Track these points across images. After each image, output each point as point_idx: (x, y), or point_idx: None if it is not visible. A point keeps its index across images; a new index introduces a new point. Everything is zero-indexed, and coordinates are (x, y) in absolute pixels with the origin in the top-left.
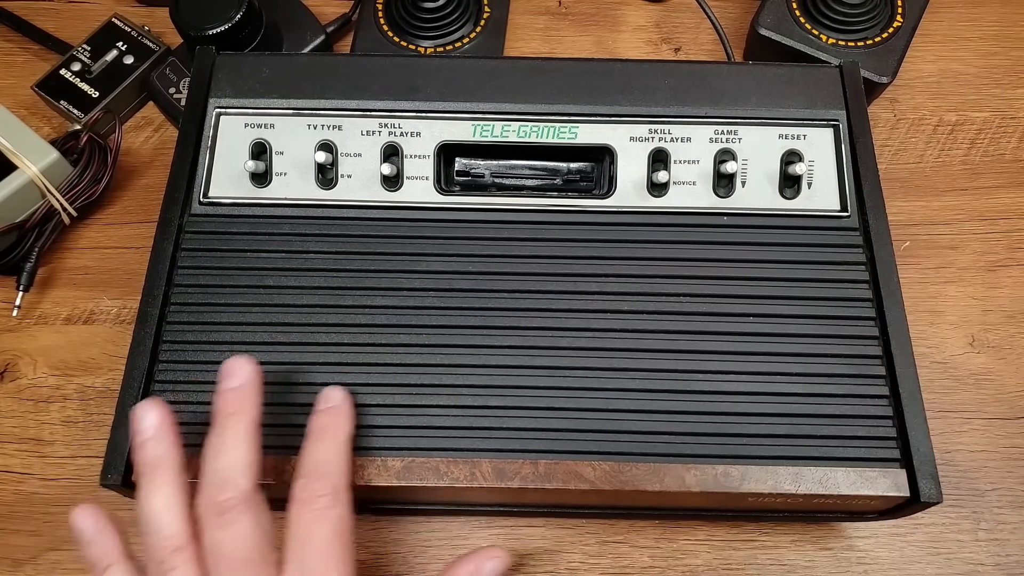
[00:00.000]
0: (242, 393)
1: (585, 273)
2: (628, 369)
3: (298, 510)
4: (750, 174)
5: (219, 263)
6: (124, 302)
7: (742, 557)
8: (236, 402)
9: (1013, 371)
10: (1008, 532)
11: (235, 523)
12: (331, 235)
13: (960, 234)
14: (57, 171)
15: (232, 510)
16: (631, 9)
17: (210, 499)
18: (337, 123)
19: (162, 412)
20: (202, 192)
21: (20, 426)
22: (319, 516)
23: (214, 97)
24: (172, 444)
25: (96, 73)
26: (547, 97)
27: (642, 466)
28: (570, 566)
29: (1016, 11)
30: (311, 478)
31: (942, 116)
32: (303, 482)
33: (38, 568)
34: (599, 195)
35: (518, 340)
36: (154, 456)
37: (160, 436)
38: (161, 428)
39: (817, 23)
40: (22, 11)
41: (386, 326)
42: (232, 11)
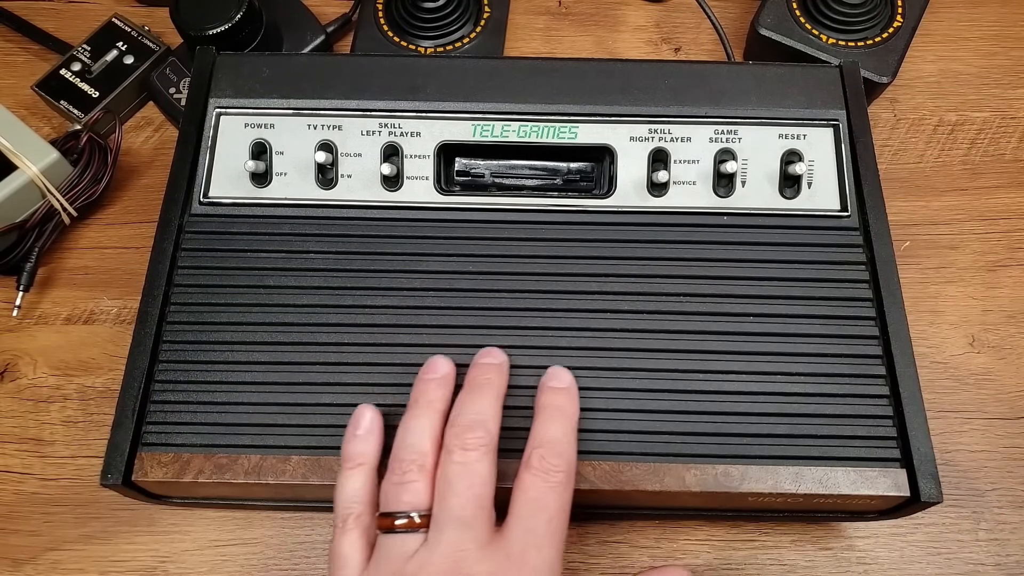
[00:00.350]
0: (499, 369)
1: (585, 273)
2: (628, 369)
3: (532, 478)
4: (750, 174)
5: (219, 263)
6: (124, 302)
7: (742, 557)
8: (493, 373)
9: (1013, 371)
10: (1008, 532)
11: (476, 462)
12: (331, 235)
13: (960, 234)
14: (57, 171)
15: (477, 449)
16: (631, 9)
17: (459, 434)
18: (337, 123)
19: (453, 370)
20: (202, 192)
21: (20, 426)
22: (552, 488)
23: (214, 97)
24: (447, 394)
25: (96, 73)
26: (547, 97)
27: (642, 466)
28: (570, 566)
29: (1016, 11)
30: (550, 452)
31: (942, 116)
32: (542, 452)
33: (38, 568)
34: (599, 195)
35: (518, 340)
36: (433, 396)
37: (443, 383)
38: (447, 378)
39: (817, 23)
40: (22, 11)
41: (386, 326)
42: (232, 11)
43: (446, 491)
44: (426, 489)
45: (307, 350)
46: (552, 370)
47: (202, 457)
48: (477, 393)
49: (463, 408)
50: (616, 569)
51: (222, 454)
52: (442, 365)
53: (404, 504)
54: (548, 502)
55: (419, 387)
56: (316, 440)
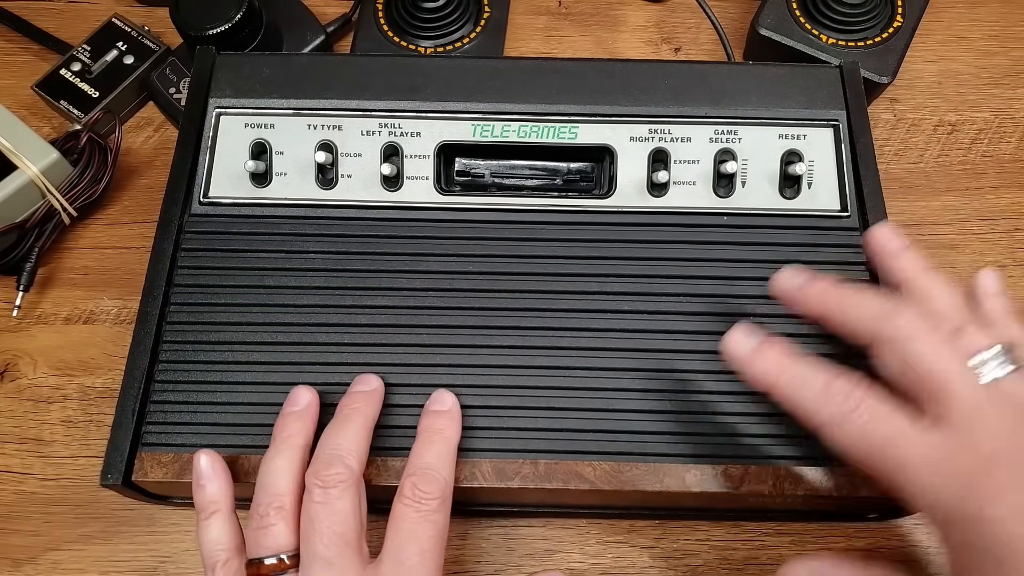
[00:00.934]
0: (368, 397)
1: (585, 273)
2: (628, 369)
3: (404, 508)
4: (750, 174)
5: (219, 263)
6: (124, 302)
7: (742, 557)
8: (361, 402)
9: None
10: None
11: (337, 499)
12: (331, 235)
13: (960, 234)
14: (57, 171)
15: (337, 486)
16: (631, 9)
17: (318, 471)
18: (337, 123)
19: (315, 400)
20: (202, 192)
21: (20, 426)
22: (425, 517)
23: (214, 97)
24: (309, 426)
25: (96, 73)
26: (547, 97)
27: (642, 466)
28: (570, 566)
29: (1016, 11)
30: (422, 479)
31: (942, 116)
32: (413, 480)
33: (38, 568)
34: (599, 195)
35: (518, 340)
36: (291, 431)
37: (302, 415)
38: (308, 409)
39: (817, 23)
40: (22, 11)
41: (386, 326)
42: (232, 11)
43: (309, 531)
44: (287, 530)
45: (307, 350)
46: (435, 394)
47: None
48: (340, 425)
49: (325, 442)
50: (616, 569)
51: (222, 454)
52: (302, 396)
53: (266, 549)
54: (419, 533)
55: (278, 423)
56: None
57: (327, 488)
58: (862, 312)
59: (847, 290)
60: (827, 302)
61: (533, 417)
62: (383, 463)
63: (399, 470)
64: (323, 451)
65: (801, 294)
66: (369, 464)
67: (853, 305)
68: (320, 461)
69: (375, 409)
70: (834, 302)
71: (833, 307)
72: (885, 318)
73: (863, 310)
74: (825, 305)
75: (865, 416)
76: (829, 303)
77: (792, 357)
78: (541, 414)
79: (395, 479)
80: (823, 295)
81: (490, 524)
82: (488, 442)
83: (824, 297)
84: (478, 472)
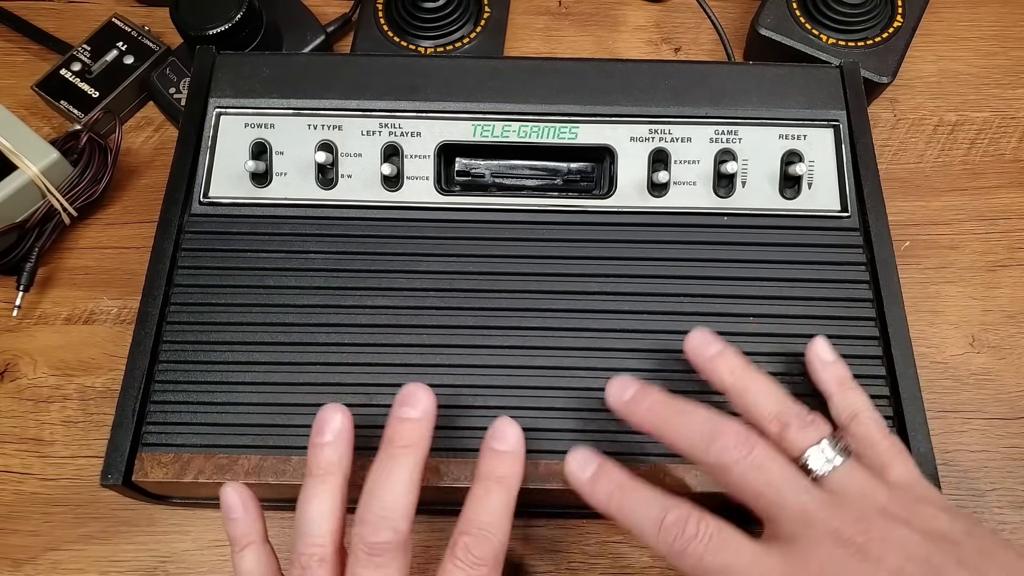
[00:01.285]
0: (420, 426)
1: (585, 273)
2: (628, 369)
3: (454, 569)
4: (750, 174)
5: (219, 263)
6: (124, 302)
7: None
8: (412, 435)
9: (1013, 371)
10: (1008, 532)
11: (384, 567)
12: (331, 235)
13: (960, 234)
14: (57, 171)
15: (385, 554)
16: (631, 9)
17: (366, 535)
18: (337, 123)
19: (346, 419)
20: (202, 192)
21: (20, 426)
22: (379, 567)
23: (214, 97)
24: (347, 453)
25: (96, 73)
26: (547, 97)
27: (642, 466)
28: (570, 566)
29: (1016, 11)
30: (476, 541)
31: (942, 116)
32: (467, 541)
33: (38, 568)
34: (599, 195)
35: (518, 340)
36: (328, 462)
37: (339, 442)
38: (342, 434)
39: (817, 23)
40: (22, 11)
41: (386, 326)
42: (232, 11)
43: None
44: None
45: (307, 350)
46: (497, 425)
47: (202, 457)
48: (388, 471)
49: (372, 495)
50: (616, 569)
51: (222, 454)
52: (333, 420)
53: None
54: None
55: (313, 453)
56: None
57: (373, 556)
58: (686, 436)
59: (673, 408)
60: (655, 420)
61: (533, 417)
62: None
63: None
64: (370, 510)
65: (629, 409)
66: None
67: (678, 426)
68: (368, 524)
69: (427, 442)
70: (662, 421)
71: (661, 426)
72: (708, 442)
73: (686, 435)
74: (654, 423)
75: (701, 547)
76: (657, 422)
77: (627, 484)
78: (541, 414)
79: None
80: (652, 411)
81: None
82: None
83: (653, 414)
84: None
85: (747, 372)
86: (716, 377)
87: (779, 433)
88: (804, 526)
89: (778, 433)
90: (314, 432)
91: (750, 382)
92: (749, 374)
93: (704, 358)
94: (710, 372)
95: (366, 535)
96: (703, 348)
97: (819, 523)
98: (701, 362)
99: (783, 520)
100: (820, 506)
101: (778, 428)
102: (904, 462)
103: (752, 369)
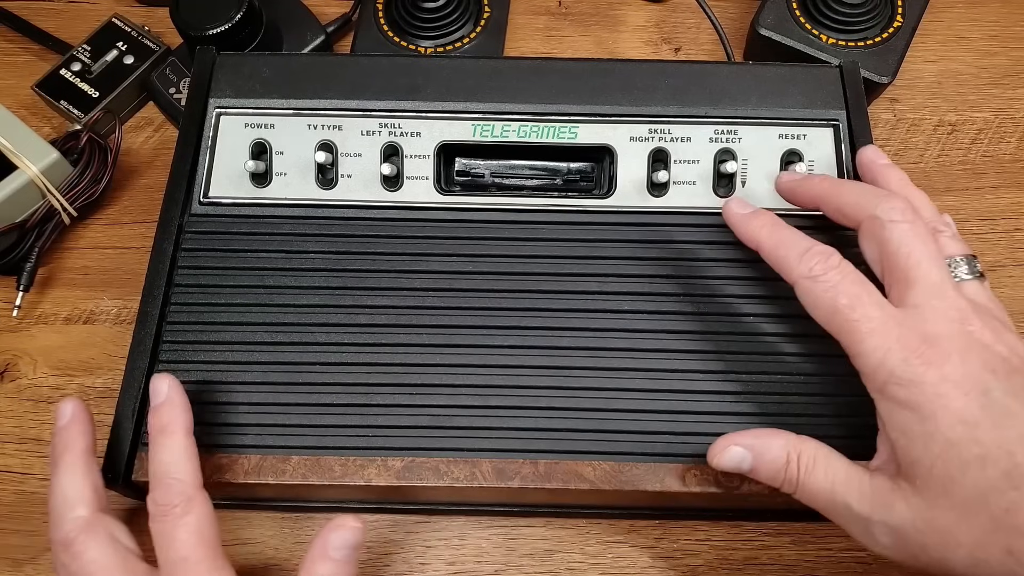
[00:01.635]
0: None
1: (585, 273)
2: (628, 369)
3: (154, 525)
4: (750, 174)
5: (219, 263)
6: (124, 302)
7: (742, 557)
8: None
9: None
10: None
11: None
12: (331, 235)
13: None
14: (57, 171)
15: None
16: (631, 9)
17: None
18: (337, 123)
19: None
20: (202, 192)
21: (20, 426)
22: (175, 525)
23: (214, 97)
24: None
25: (96, 73)
26: (547, 97)
27: (642, 466)
28: (570, 566)
29: (1016, 11)
30: (158, 490)
31: (942, 116)
32: (152, 496)
33: (38, 568)
34: (599, 195)
35: (518, 340)
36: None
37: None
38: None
39: (817, 23)
40: (22, 11)
41: (386, 326)
42: (232, 11)
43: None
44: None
45: (307, 350)
46: (151, 383)
47: (202, 457)
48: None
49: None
50: (616, 569)
51: (222, 454)
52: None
53: None
54: (176, 543)
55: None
56: (316, 440)
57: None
58: (856, 195)
59: (844, 181)
60: (824, 188)
61: (533, 417)
62: (383, 463)
63: (399, 470)
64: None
65: (802, 184)
66: (368, 465)
67: (848, 189)
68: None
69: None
70: (831, 187)
71: (830, 191)
72: (878, 201)
73: (857, 194)
74: (823, 190)
75: (837, 278)
76: (826, 188)
77: (781, 223)
78: (541, 414)
79: (395, 479)
80: (821, 183)
81: (490, 524)
82: (488, 442)
83: (822, 184)
84: (478, 472)
85: (912, 185)
86: (885, 179)
87: (933, 230)
88: (935, 297)
89: (932, 230)
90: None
91: (915, 191)
92: (914, 186)
93: (878, 164)
94: (880, 174)
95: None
96: (877, 157)
97: (950, 300)
98: (874, 167)
99: (918, 284)
100: (956, 292)
101: (932, 228)
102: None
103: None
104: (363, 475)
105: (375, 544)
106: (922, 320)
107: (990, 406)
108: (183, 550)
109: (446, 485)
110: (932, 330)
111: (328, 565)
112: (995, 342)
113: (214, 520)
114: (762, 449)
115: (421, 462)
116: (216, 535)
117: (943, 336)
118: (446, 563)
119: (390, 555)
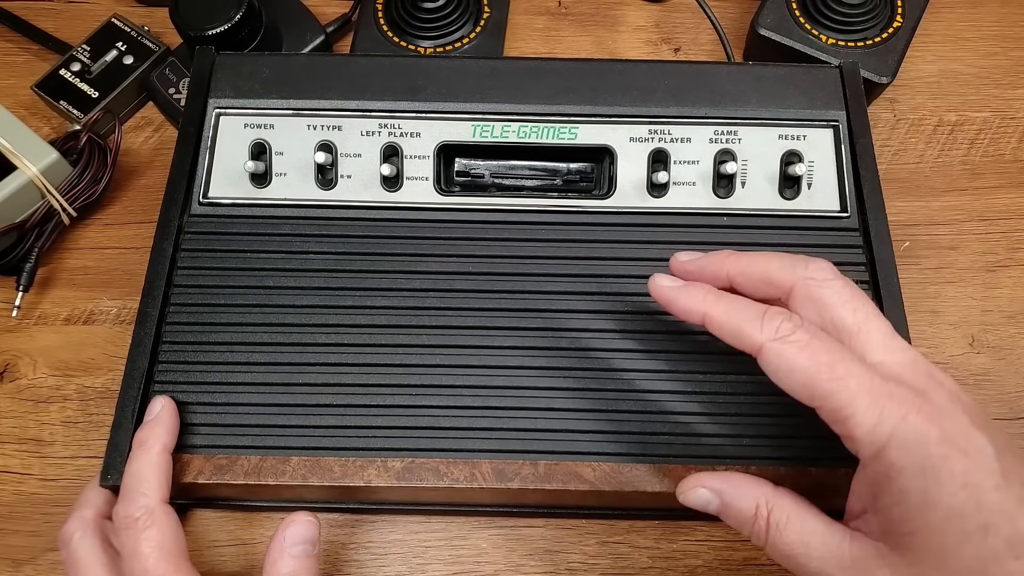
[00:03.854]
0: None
1: (585, 273)
2: (628, 369)
3: (116, 538)
4: (750, 174)
5: (219, 263)
6: (124, 302)
7: (742, 557)
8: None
9: (1013, 371)
10: None
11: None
12: (331, 235)
13: (960, 234)
14: (57, 171)
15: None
16: (631, 9)
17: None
18: (337, 123)
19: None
20: (202, 192)
21: (20, 426)
22: (136, 539)
23: (214, 97)
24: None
25: (96, 73)
26: (547, 97)
27: (642, 467)
28: (570, 566)
29: (1016, 11)
30: (122, 503)
31: (942, 116)
32: (116, 509)
33: (38, 568)
34: (599, 195)
35: (518, 341)
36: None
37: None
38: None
39: (817, 23)
40: (22, 11)
41: (386, 326)
42: (232, 11)
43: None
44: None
45: (307, 351)
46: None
47: (201, 458)
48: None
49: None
50: (616, 569)
51: (221, 455)
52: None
53: None
54: (138, 555)
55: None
56: (316, 441)
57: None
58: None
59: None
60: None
61: (533, 418)
62: (383, 464)
63: (399, 471)
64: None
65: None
66: (368, 465)
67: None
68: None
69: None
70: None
71: (751, 261)
72: (805, 263)
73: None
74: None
75: (806, 336)
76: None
77: (721, 292)
78: (541, 415)
79: (395, 480)
80: (733, 257)
81: (490, 524)
82: (488, 443)
83: (736, 257)
84: (478, 472)
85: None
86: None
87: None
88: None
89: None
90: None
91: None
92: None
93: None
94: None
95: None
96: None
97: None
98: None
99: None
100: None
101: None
102: None
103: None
104: (363, 476)
105: (375, 544)
106: (897, 375)
107: (987, 465)
108: (145, 563)
109: (446, 486)
110: (914, 384)
111: (288, 563)
112: (959, 391)
113: (178, 533)
114: (732, 497)
115: (421, 463)
116: (180, 549)
117: (928, 389)
118: (446, 563)
119: (390, 555)
